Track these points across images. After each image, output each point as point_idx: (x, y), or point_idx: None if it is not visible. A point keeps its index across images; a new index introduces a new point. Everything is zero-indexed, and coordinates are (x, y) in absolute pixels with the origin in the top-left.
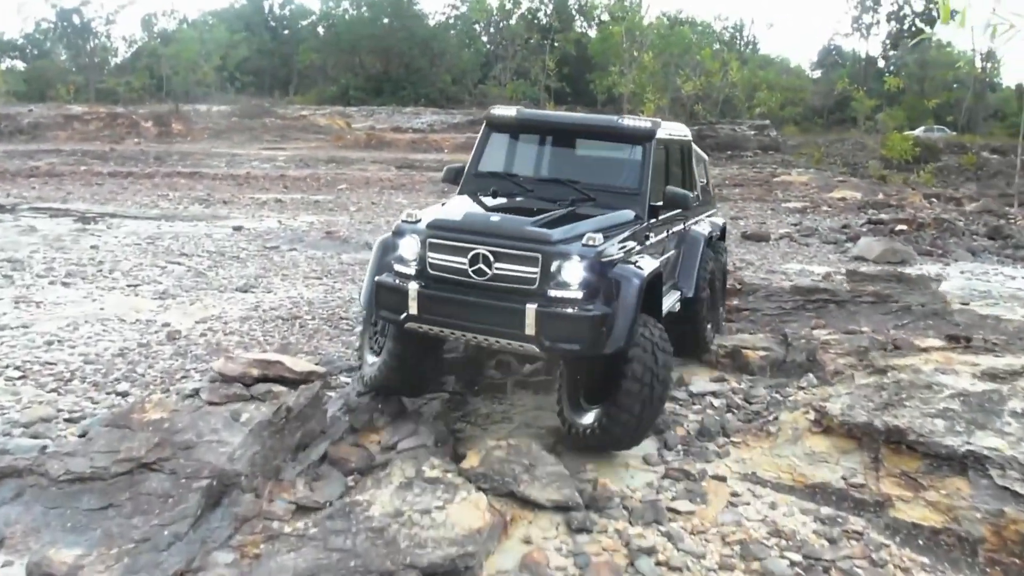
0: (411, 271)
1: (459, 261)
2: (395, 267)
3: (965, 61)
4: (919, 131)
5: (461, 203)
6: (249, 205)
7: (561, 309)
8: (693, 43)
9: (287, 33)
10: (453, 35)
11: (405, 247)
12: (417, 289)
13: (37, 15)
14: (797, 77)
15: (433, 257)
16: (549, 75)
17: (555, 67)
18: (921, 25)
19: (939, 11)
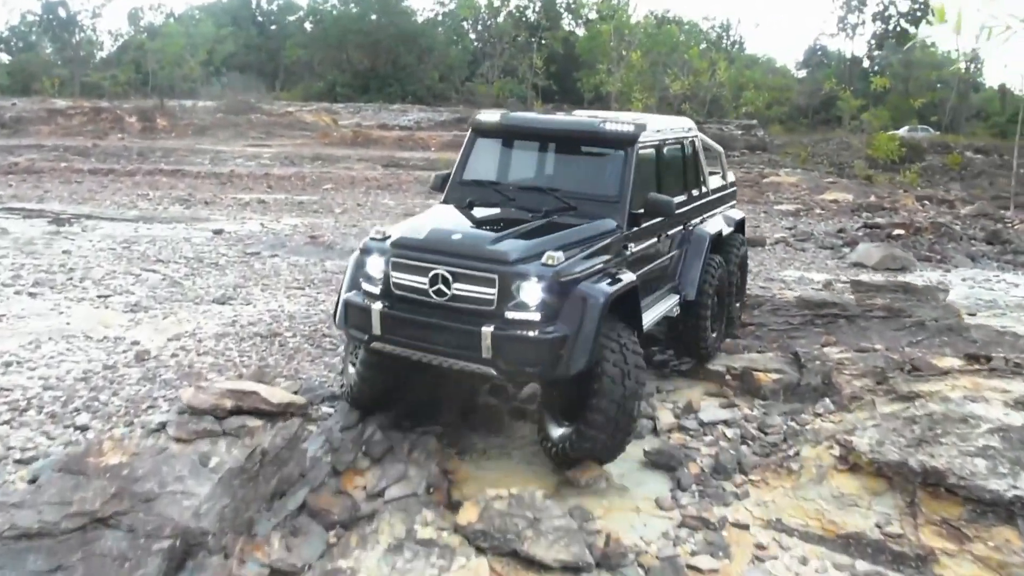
0: (376, 290)
1: (420, 281)
2: (363, 285)
3: (955, 61)
4: (903, 131)
5: (431, 217)
6: (231, 206)
7: (518, 332)
8: (680, 42)
9: (274, 28)
10: (441, 32)
11: (371, 265)
12: (380, 309)
13: (22, 7)
14: (783, 77)
15: (396, 276)
16: (537, 73)
17: (543, 65)
18: (906, 25)
19: (933, 12)
